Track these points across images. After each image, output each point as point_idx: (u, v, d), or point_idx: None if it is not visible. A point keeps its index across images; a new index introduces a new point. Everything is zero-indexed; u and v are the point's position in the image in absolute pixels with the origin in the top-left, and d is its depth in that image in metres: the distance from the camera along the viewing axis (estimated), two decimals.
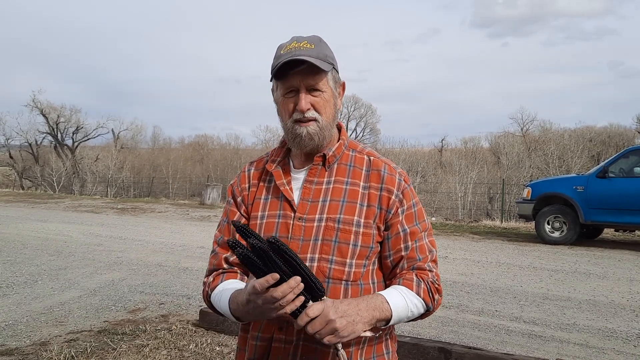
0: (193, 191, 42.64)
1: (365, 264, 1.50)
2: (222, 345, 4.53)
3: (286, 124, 1.53)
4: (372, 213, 1.50)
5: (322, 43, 1.53)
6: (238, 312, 1.40)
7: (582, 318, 5.59)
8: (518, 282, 7.20)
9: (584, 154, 35.36)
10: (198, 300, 6.12)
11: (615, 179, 10.37)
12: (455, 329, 5.19)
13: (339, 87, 1.58)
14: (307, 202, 1.52)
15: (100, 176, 41.24)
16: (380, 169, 1.55)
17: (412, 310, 1.45)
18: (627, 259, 9.16)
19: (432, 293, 1.49)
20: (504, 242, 11.15)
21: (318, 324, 1.27)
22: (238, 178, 1.66)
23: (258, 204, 1.58)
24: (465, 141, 47.27)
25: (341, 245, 1.47)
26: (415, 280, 1.48)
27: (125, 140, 50.70)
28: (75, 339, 4.65)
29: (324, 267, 1.47)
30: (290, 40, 1.52)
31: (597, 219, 10.43)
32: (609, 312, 5.82)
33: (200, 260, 8.55)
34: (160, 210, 17.77)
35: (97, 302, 6.01)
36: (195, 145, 57.97)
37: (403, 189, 1.54)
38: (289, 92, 1.50)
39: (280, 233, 1.50)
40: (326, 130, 1.52)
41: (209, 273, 1.61)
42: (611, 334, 5.10)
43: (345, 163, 1.57)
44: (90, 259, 8.57)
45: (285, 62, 1.45)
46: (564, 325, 5.35)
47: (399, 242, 1.51)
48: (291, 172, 1.59)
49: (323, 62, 1.47)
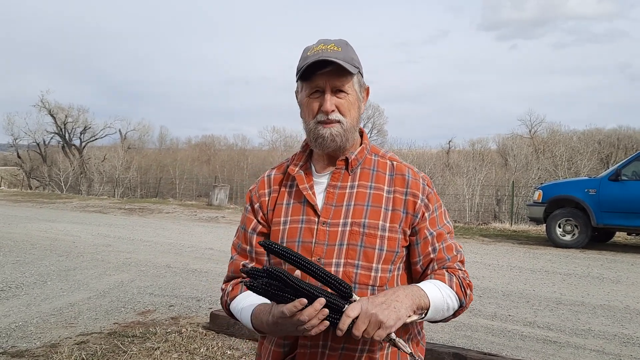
0: (200, 192, 42.68)
1: (390, 269, 1.48)
2: (233, 349, 4.48)
3: (309, 125, 1.50)
4: (397, 217, 1.48)
5: (348, 47, 1.52)
6: (262, 329, 1.41)
7: (597, 323, 5.50)
8: (531, 286, 7.11)
9: (594, 157, 35.09)
10: (208, 302, 6.08)
11: (628, 182, 10.26)
12: (468, 334, 5.12)
13: (364, 92, 1.57)
14: (331, 207, 1.49)
15: (107, 176, 41.36)
16: (404, 173, 1.54)
17: (448, 302, 1.42)
18: None
19: (463, 288, 1.48)
20: (514, 245, 11.06)
21: (361, 323, 1.24)
22: (257, 184, 1.64)
23: (280, 210, 1.55)
24: (472, 143, 47.04)
25: (367, 249, 1.45)
26: (447, 275, 1.47)
27: (132, 140, 50.89)
28: (86, 341, 4.61)
29: (350, 272, 1.44)
30: (317, 43, 1.51)
31: (609, 222, 10.32)
32: (625, 317, 5.73)
33: (209, 262, 8.52)
34: (168, 211, 17.77)
35: (106, 303, 5.97)
36: (202, 146, 58.09)
37: (428, 193, 1.53)
38: (314, 93, 1.48)
39: (303, 238, 1.47)
40: (349, 133, 1.50)
41: (227, 279, 1.61)
42: (628, 340, 5.01)
43: (368, 167, 1.55)
44: (99, 259, 8.55)
45: (312, 63, 1.43)
46: (579, 330, 5.27)
47: (427, 245, 1.50)
48: (313, 176, 1.56)
49: (349, 65, 1.46)
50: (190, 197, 37.26)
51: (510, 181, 28.13)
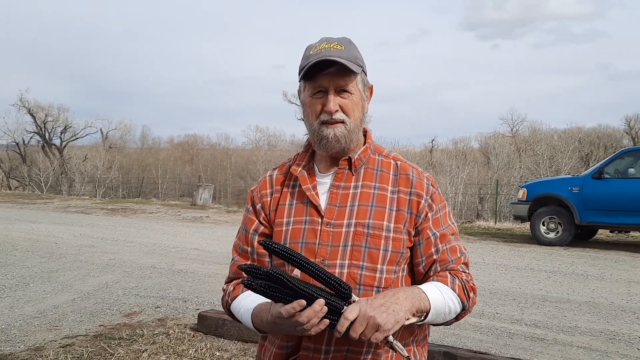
0: (183, 191, 42.38)
1: (395, 270, 1.45)
2: (222, 350, 4.44)
3: (312, 125, 1.47)
4: (402, 218, 1.46)
5: (351, 45, 1.49)
6: (262, 327, 1.39)
7: (583, 320, 5.55)
8: (517, 284, 7.17)
9: (574, 155, 35.56)
10: (195, 303, 6.02)
11: (610, 180, 10.40)
12: (457, 332, 5.13)
13: (367, 91, 1.54)
14: (335, 207, 1.46)
15: (89, 176, 40.83)
16: (409, 173, 1.51)
17: (449, 305, 1.40)
18: (624, 260, 9.17)
19: (466, 290, 1.44)
20: (499, 243, 11.14)
21: (359, 325, 1.22)
22: (259, 184, 1.61)
23: (283, 210, 1.52)
24: (455, 142, 47.31)
25: (371, 250, 1.42)
26: (450, 277, 1.44)
27: (113, 140, 50.23)
28: (71, 344, 4.53)
29: (354, 274, 1.41)
30: (319, 41, 1.48)
31: (592, 220, 10.45)
32: (610, 314, 5.79)
33: (195, 263, 8.44)
34: (151, 211, 17.60)
35: (91, 305, 5.88)
36: (185, 145, 57.70)
37: (432, 193, 1.51)
38: (317, 93, 1.45)
39: (307, 239, 1.45)
40: (353, 133, 1.48)
41: (229, 280, 1.59)
42: (614, 336, 5.07)
43: (372, 167, 1.53)
44: (82, 260, 8.42)
45: (315, 63, 1.40)
46: (566, 327, 5.31)
47: (430, 246, 1.47)
48: (316, 176, 1.53)
49: (353, 64, 1.43)
50: (173, 197, 36.98)
51: (492, 180, 28.41)
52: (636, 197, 9.97)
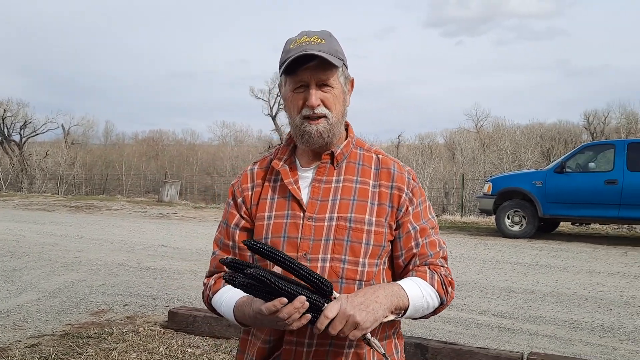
0: (148, 188, 41.73)
1: (377, 263, 1.47)
2: (194, 347, 4.40)
3: (294, 120, 1.47)
4: (383, 211, 1.47)
5: (332, 38, 1.48)
6: (244, 321, 1.40)
7: (548, 310, 5.71)
8: (483, 276, 7.31)
9: (536, 150, 36.41)
10: (164, 300, 5.95)
11: (572, 174, 10.71)
12: (426, 324, 5.20)
13: (349, 84, 1.54)
14: (317, 201, 1.47)
15: (50, 173, 39.80)
16: (390, 167, 1.53)
17: (428, 301, 1.42)
18: (585, 251, 9.46)
19: (445, 286, 1.47)
20: (465, 237, 11.35)
21: (338, 323, 1.24)
22: (239, 178, 1.60)
23: (264, 204, 1.51)
24: (421, 137, 47.89)
25: (354, 244, 1.43)
26: (429, 273, 1.46)
27: (76, 136, 49.06)
28: (37, 344, 4.43)
29: (337, 268, 1.42)
30: (299, 35, 1.47)
31: (555, 213, 10.74)
32: (573, 303, 5.97)
33: (163, 260, 8.34)
34: (117, 208, 17.29)
35: (57, 304, 5.75)
36: (150, 141, 56.79)
37: (412, 187, 1.52)
38: (299, 88, 1.45)
39: (289, 233, 1.45)
40: (336, 127, 1.48)
41: (209, 274, 1.57)
42: (577, 325, 5.23)
43: (354, 161, 1.53)
44: (46, 259, 8.22)
45: (295, 58, 1.40)
46: (531, 317, 5.45)
47: (410, 240, 1.49)
48: (298, 170, 1.53)
49: (334, 58, 1.43)
50: (138, 193, 36.42)
51: (457, 174, 28.84)
52: (596, 191, 10.29)
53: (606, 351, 4.54)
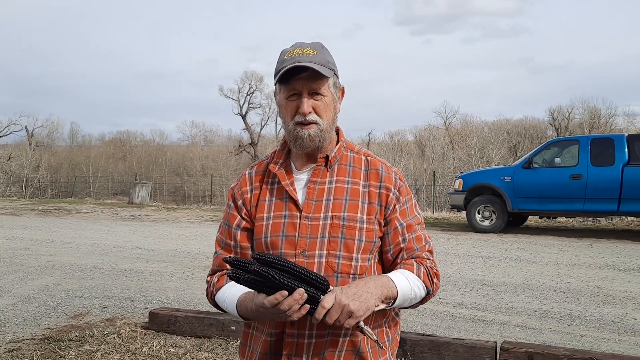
0: (116, 190, 41.15)
1: (369, 258, 1.58)
2: (177, 347, 4.44)
3: (288, 126, 1.58)
4: (373, 210, 1.59)
5: (323, 49, 1.59)
6: (247, 315, 1.50)
7: (518, 301, 5.91)
8: (456, 270, 7.51)
9: (503, 146, 37.18)
10: (143, 302, 5.96)
11: (539, 169, 11.03)
12: (403, 317, 5.29)
13: (339, 92, 1.65)
14: (312, 202, 1.57)
15: (14, 176, 38.89)
16: (378, 168, 1.64)
17: (415, 291, 1.53)
18: (552, 244, 9.78)
19: (431, 276, 1.58)
20: (437, 232, 11.58)
21: (334, 312, 1.35)
22: (238, 181, 1.71)
23: (263, 206, 1.62)
24: (391, 134, 48.40)
25: (347, 241, 1.54)
26: (415, 265, 1.57)
27: (40, 137, 48.07)
28: (18, 349, 4.40)
29: (332, 263, 1.53)
30: (293, 47, 1.58)
31: (523, 207, 11.05)
32: (542, 294, 6.20)
33: (138, 262, 8.30)
34: (87, 211, 17.05)
35: (33, 309, 5.71)
36: (117, 142, 55.97)
37: (399, 186, 1.63)
38: (292, 95, 1.56)
39: (287, 232, 1.55)
40: (326, 132, 1.59)
41: (212, 272, 1.67)
42: (546, 315, 5.44)
43: (345, 163, 1.64)
44: (18, 264, 8.11)
45: (289, 69, 1.51)
46: (503, 309, 5.65)
47: (397, 235, 1.60)
48: (293, 173, 1.64)
49: (325, 68, 1.54)
50: (107, 195, 35.85)
51: (427, 171, 29.24)
52: (562, 185, 10.63)
53: (574, 338, 4.74)
